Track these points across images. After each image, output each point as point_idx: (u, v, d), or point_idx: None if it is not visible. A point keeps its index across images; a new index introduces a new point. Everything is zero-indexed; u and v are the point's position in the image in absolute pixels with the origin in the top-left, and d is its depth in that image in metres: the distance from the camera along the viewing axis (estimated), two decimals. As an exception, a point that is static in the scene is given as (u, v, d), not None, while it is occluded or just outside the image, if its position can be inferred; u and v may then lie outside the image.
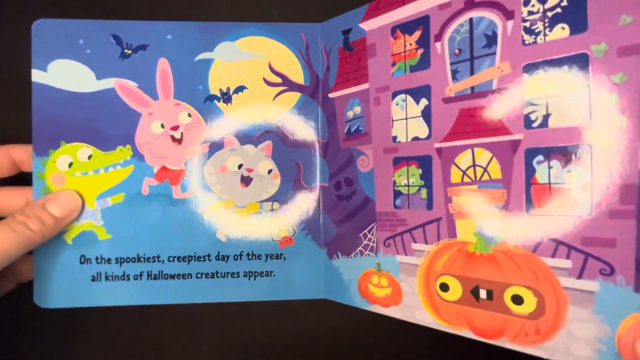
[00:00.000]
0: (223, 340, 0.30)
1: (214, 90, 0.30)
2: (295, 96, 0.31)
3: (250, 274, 0.30)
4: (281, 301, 0.30)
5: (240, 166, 0.31)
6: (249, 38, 0.31)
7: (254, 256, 0.30)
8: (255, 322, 0.31)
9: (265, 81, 0.31)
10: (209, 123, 0.31)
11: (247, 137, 0.31)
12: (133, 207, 0.30)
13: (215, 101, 0.31)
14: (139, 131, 0.30)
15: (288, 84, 0.31)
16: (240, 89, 0.31)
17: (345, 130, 0.30)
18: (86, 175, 0.30)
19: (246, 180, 0.31)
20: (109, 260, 0.30)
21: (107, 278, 0.30)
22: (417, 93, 0.27)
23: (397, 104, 0.28)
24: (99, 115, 0.30)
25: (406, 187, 0.27)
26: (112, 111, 0.30)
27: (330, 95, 0.31)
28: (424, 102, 0.27)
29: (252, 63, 0.31)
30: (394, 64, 0.28)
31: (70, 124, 0.30)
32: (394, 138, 0.28)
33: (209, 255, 0.30)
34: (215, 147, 0.31)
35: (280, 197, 0.31)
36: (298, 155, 0.31)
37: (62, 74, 0.29)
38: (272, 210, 0.31)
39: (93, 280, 0.29)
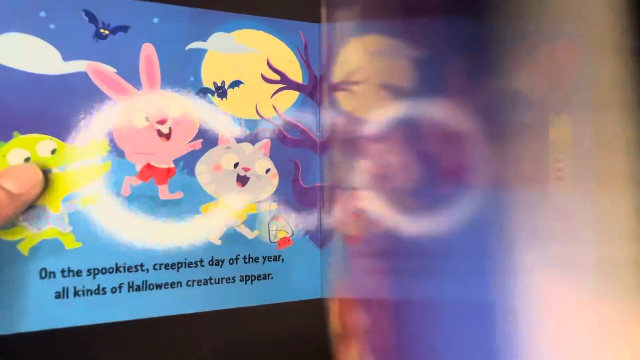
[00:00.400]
0: (223, 341, 0.28)
1: (207, 83, 0.28)
2: (294, 95, 0.31)
3: (247, 277, 0.29)
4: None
5: (236, 165, 0.29)
6: (246, 31, 0.29)
7: (251, 259, 0.29)
8: (255, 322, 0.29)
9: (263, 77, 0.30)
10: (202, 118, 0.28)
11: (243, 135, 0.29)
12: (110, 210, 0.26)
13: (209, 95, 0.28)
14: (118, 123, 0.26)
15: (287, 82, 0.30)
16: (236, 83, 0.29)
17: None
18: (49, 172, 0.25)
19: (242, 180, 0.29)
20: (79, 273, 0.25)
21: (76, 294, 0.25)
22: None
23: None
24: (67, 103, 0.25)
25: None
26: (83, 99, 0.26)
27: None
28: None
29: (249, 57, 0.29)
30: None
31: (27, 111, 0.25)
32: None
33: (201, 261, 0.28)
34: (208, 144, 0.28)
35: (279, 198, 0.30)
36: (297, 154, 0.31)
37: (16, 51, 0.24)
38: (270, 210, 0.30)
39: (57, 297, 0.25)
